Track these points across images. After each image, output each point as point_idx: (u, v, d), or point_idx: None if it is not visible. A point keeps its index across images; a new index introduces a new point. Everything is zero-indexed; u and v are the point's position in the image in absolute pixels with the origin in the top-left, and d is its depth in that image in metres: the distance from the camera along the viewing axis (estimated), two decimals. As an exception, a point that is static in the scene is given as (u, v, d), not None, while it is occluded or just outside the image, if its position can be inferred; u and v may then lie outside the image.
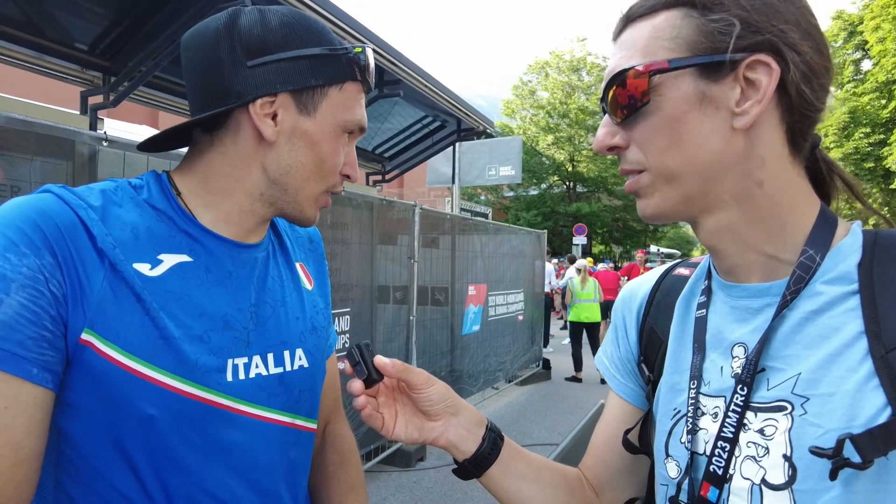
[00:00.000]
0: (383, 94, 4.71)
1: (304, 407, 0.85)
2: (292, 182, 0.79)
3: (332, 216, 3.62)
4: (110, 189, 0.75)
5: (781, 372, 0.57)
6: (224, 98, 0.75)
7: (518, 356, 7.25)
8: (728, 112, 0.57)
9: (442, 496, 4.03)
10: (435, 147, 6.80)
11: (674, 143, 0.59)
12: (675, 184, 0.61)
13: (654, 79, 0.59)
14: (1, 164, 1.98)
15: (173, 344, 0.69)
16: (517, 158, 9.09)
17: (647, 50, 0.60)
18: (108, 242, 0.68)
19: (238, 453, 0.75)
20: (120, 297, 0.68)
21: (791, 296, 0.58)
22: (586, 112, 25.58)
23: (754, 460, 0.57)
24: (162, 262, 0.73)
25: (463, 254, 5.66)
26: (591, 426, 2.09)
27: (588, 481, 0.83)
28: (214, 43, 0.74)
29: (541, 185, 27.18)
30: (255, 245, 0.84)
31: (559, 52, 26.93)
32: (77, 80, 3.60)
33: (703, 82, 0.58)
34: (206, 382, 0.71)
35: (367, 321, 4.07)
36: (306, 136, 0.77)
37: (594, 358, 0.90)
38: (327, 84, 0.77)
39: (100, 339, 0.66)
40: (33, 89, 5.47)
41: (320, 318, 0.94)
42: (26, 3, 2.96)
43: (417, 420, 0.77)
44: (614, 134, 0.64)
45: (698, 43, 0.57)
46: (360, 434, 3.95)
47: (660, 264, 4.89)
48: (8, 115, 2.01)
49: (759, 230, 0.60)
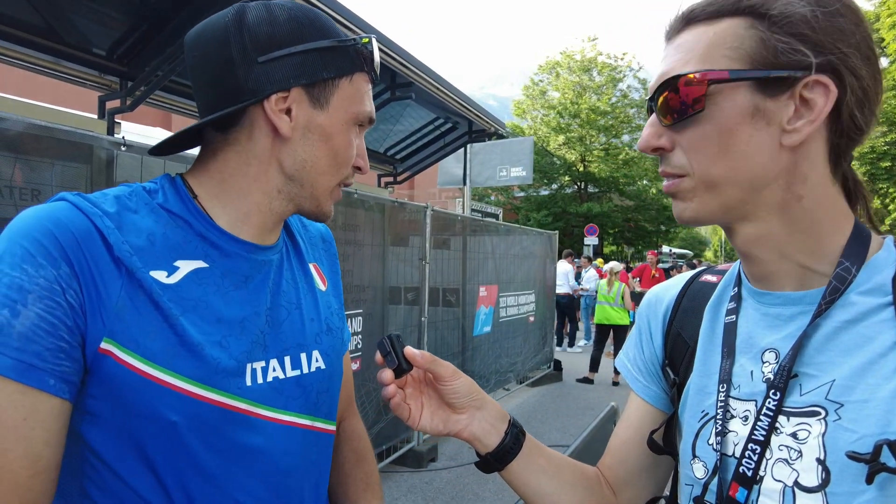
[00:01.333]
0: (395, 96, 4.73)
1: (322, 409, 0.85)
2: (308, 176, 0.79)
3: (345, 218, 3.64)
4: (125, 195, 0.74)
5: (815, 378, 0.59)
6: (237, 96, 0.74)
7: (529, 357, 7.24)
8: (778, 128, 0.58)
9: (453, 497, 4.04)
10: (446, 148, 6.81)
11: (721, 152, 0.60)
12: (716, 192, 0.62)
13: (711, 87, 0.59)
14: (22, 168, 2.02)
15: (193, 350, 0.69)
16: (528, 159, 9.07)
17: (707, 56, 0.59)
18: (125, 251, 0.68)
19: (260, 457, 0.75)
20: (138, 305, 0.68)
21: (826, 305, 0.59)
22: (597, 112, 25.43)
23: (787, 463, 0.58)
24: (178, 269, 0.72)
25: (474, 255, 5.67)
26: (603, 428, 2.10)
27: (606, 480, 0.84)
28: (223, 41, 0.74)
29: (552, 186, 27.05)
30: (270, 247, 0.83)
31: (570, 53, 26.79)
32: (95, 85, 3.66)
33: (758, 96, 0.58)
34: (226, 387, 0.72)
35: (378, 322, 4.09)
36: (320, 130, 0.77)
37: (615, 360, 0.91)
38: (338, 76, 0.77)
39: (119, 348, 0.66)
40: (53, 94, 5.57)
41: (335, 318, 0.94)
42: (46, 10, 3.02)
43: (443, 412, 0.79)
44: (660, 135, 0.64)
45: (760, 56, 0.57)
46: (371, 434, 3.97)
47: (672, 265, 4.88)
48: (29, 121, 2.05)
49: (796, 241, 0.62)
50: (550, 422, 5.93)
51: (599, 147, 26.08)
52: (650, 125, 0.65)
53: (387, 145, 6.50)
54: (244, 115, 0.77)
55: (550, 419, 6.03)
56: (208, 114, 0.76)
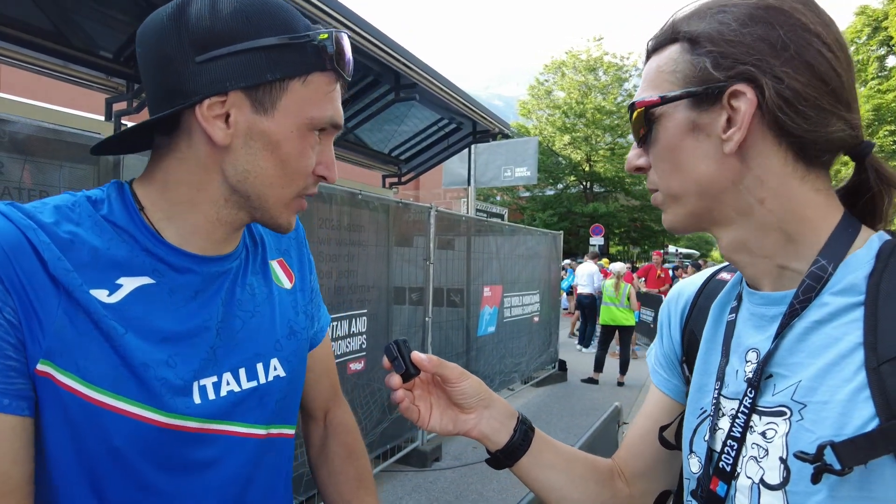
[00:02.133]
0: (399, 97, 4.75)
1: (280, 416, 0.83)
2: (254, 188, 0.72)
3: (349, 218, 3.66)
4: (67, 205, 0.69)
5: (785, 378, 0.60)
6: (171, 99, 0.68)
7: (534, 357, 7.24)
8: (717, 138, 0.61)
9: (457, 496, 4.05)
10: (451, 149, 6.83)
11: (674, 167, 0.65)
12: (680, 203, 0.67)
13: (652, 112, 0.65)
14: (31, 169, 2.05)
15: (137, 372, 0.66)
16: (533, 159, 9.08)
17: (655, 83, 0.65)
18: (62, 268, 0.63)
19: (212, 470, 0.74)
20: (78, 325, 0.64)
21: (800, 305, 0.60)
22: (603, 112, 25.38)
23: (756, 461, 0.60)
24: (121, 287, 0.68)
25: (478, 255, 5.68)
26: (606, 428, 2.11)
27: (622, 472, 0.86)
28: (160, 37, 0.67)
29: (557, 186, 27.04)
30: (226, 256, 0.78)
31: (575, 52, 26.77)
32: (102, 87, 3.69)
33: (693, 112, 0.62)
34: (172, 409, 0.69)
35: (383, 322, 4.11)
36: (265, 137, 0.69)
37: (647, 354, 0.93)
38: (287, 77, 0.68)
39: (58, 370, 0.63)
40: (60, 97, 5.61)
41: (301, 317, 0.89)
42: (54, 14, 3.05)
43: (452, 412, 0.81)
44: (640, 156, 0.70)
45: (692, 75, 0.62)
46: (376, 434, 3.99)
47: (677, 265, 4.86)
48: (38, 124, 2.08)
49: (769, 242, 0.63)
50: (555, 422, 5.93)
51: (605, 147, 26.03)
52: (633, 148, 0.71)
53: (391, 146, 6.53)
54: (182, 119, 0.70)
55: (555, 419, 6.03)
56: (153, 116, 0.70)
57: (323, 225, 3.41)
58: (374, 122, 5.60)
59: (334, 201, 3.51)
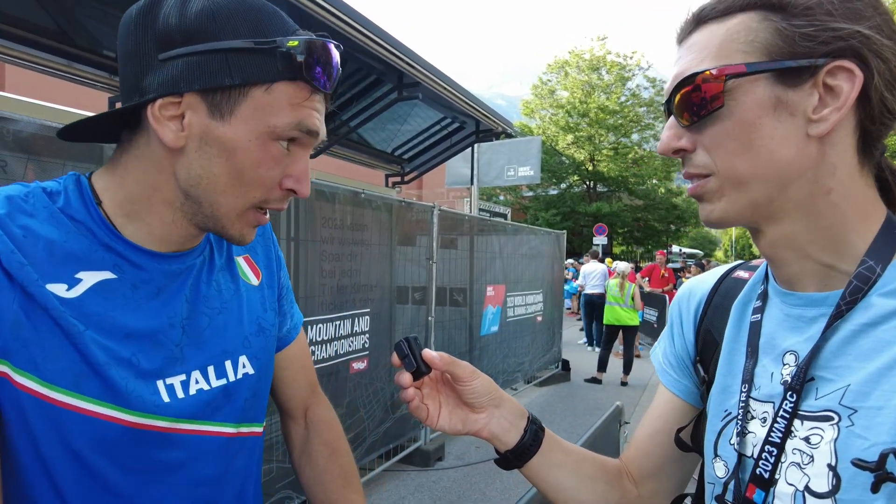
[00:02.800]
0: (402, 96, 4.74)
1: (249, 414, 0.82)
2: (205, 195, 0.68)
3: (352, 217, 3.66)
4: (20, 196, 0.65)
5: (830, 382, 0.57)
6: (132, 94, 0.66)
7: (537, 357, 7.23)
8: (804, 118, 0.56)
9: (460, 496, 4.05)
10: (454, 148, 6.82)
11: (745, 148, 0.58)
12: (743, 189, 0.60)
13: (729, 83, 0.57)
14: (35, 168, 2.05)
15: (99, 370, 0.64)
16: (536, 159, 9.07)
17: (721, 53, 0.58)
18: (15, 261, 0.60)
19: (180, 472, 0.72)
20: (35, 322, 0.61)
21: (846, 307, 0.57)
22: (606, 111, 25.32)
23: (799, 467, 0.58)
24: (81, 282, 0.65)
25: (481, 254, 5.67)
26: (607, 427, 2.10)
27: (630, 473, 0.84)
28: (128, 29, 0.66)
29: (560, 185, 27.00)
30: (188, 252, 0.76)
31: (579, 52, 26.71)
32: (105, 87, 3.70)
33: (779, 87, 0.56)
34: (138, 407, 0.67)
35: (386, 321, 4.11)
36: (219, 143, 0.66)
37: (650, 352, 0.91)
38: (247, 84, 0.65)
39: (14, 370, 0.60)
40: (64, 96, 5.62)
41: (269, 314, 0.87)
42: (59, 13, 3.06)
43: (461, 412, 0.79)
44: (680, 136, 0.63)
45: (776, 47, 0.56)
46: (378, 433, 3.99)
47: (682, 264, 4.83)
48: (42, 122, 2.09)
49: (820, 239, 0.60)
50: (558, 422, 5.92)
51: (609, 146, 25.98)
52: (669, 127, 0.64)
53: (394, 145, 6.53)
54: (142, 117, 0.67)
55: (558, 419, 6.02)
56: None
57: (326, 224, 3.41)
58: (377, 122, 5.60)
59: (337, 200, 3.51)
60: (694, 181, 0.63)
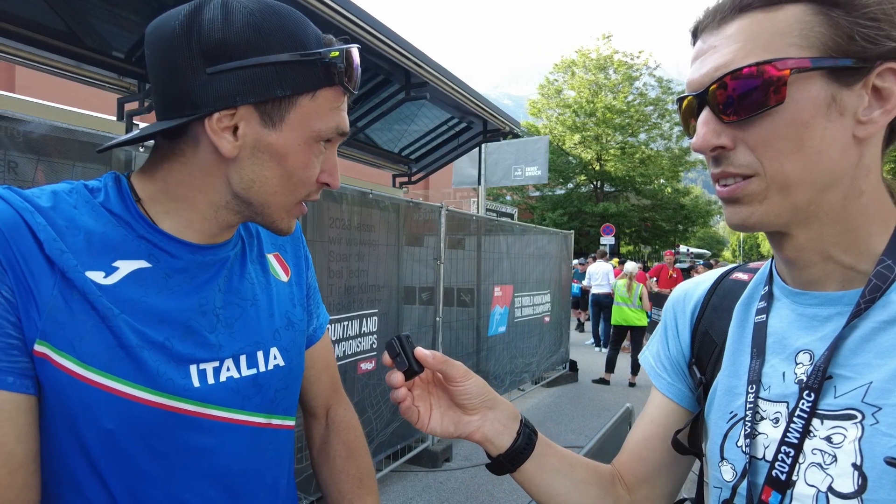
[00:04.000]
0: (409, 96, 4.74)
1: (280, 406, 0.83)
2: (258, 196, 0.73)
3: (360, 218, 3.66)
4: (64, 191, 0.70)
5: (850, 380, 0.57)
6: (180, 109, 0.68)
7: (545, 358, 7.21)
8: (852, 120, 0.55)
9: (468, 497, 4.04)
10: (461, 148, 6.81)
11: (796, 148, 0.55)
12: (788, 193, 0.57)
13: (791, 77, 0.54)
14: (44, 169, 2.06)
15: (132, 352, 0.67)
16: (543, 158, 9.04)
17: (771, 45, 0.55)
18: (56, 248, 0.64)
19: (210, 458, 0.73)
20: (73, 306, 0.64)
21: (865, 305, 0.57)
22: (613, 110, 25.22)
23: (820, 468, 0.56)
24: (118, 270, 0.69)
25: (489, 255, 5.66)
26: (617, 429, 2.08)
27: (622, 478, 0.83)
28: (171, 45, 0.67)
29: (567, 185, 26.92)
30: (221, 245, 0.79)
31: (585, 51, 26.64)
32: (114, 88, 3.72)
33: (834, 86, 0.54)
34: (170, 390, 0.69)
35: (393, 322, 4.10)
36: (271, 150, 0.71)
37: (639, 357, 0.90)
38: (296, 93, 0.69)
39: (54, 350, 0.63)
40: (73, 97, 5.66)
41: (298, 310, 0.90)
42: (68, 15, 3.07)
43: (453, 414, 0.76)
44: (719, 133, 0.59)
45: (833, 43, 0.53)
46: (386, 434, 3.98)
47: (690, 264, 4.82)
48: (51, 124, 2.09)
49: (845, 241, 0.59)
50: (566, 423, 5.90)
51: (616, 146, 25.87)
52: (706, 122, 0.59)
53: (401, 145, 6.52)
54: (189, 127, 0.71)
55: (566, 420, 6.00)
56: (159, 118, 0.71)
57: (333, 224, 3.41)
58: (385, 122, 5.60)
59: (345, 201, 3.51)
60: (729, 182, 0.60)
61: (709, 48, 0.60)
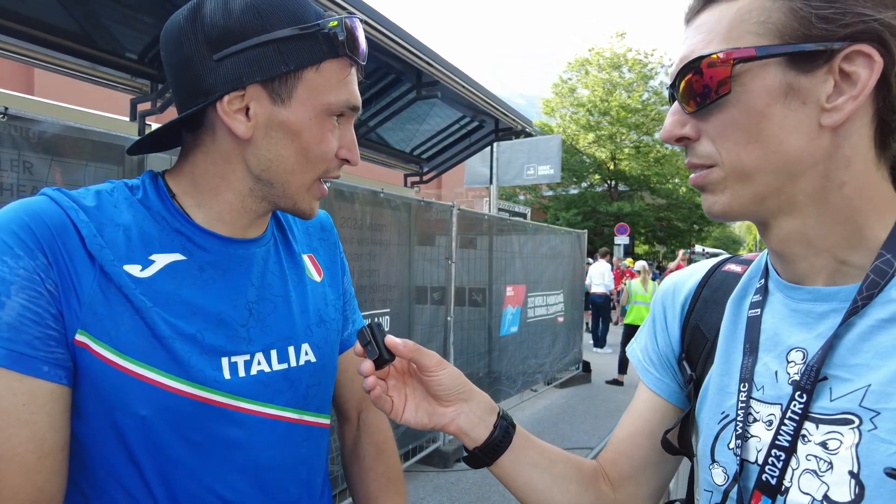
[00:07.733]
0: (421, 95, 4.73)
1: (312, 402, 0.84)
2: (277, 176, 0.75)
3: (371, 217, 3.66)
4: (107, 190, 0.75)
5: (847, 382, 0.54)
6: (194, 98, 0.72)
7: (557, 358, 7.17)
8: (816, 107, 0.53)
9: (479, 497, 4.02)
10: (473, 147, 6.79)
11: (752, 138, 0.55)
12: (749, 182, 0.57)
13: (737, 67, 0.54)
14: (59, 168, 2.08)
15: (164, 343, 0.69)
16: (556, 157, 8.99)
17: (731, 35, 0.55)
18: (97, 244, 0.68)
19: (241, 450, 0.74)
20: (110, 298, 0.68)
21: (863, 302, 0.54)
22: (628, 109, 25.01)
23: (815, 475, 0.54)
24: (154, 263, 0.72)
25: (501, 254, 5.63)
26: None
27: (606, 475, 0.80)
28: (178, 39, 0.71)
29: (581, 184, 26.75)
30: (253, 240, 0.82)
31: (599, 50, 26.45)
32: (127, 88, 3.76)
33: (791, 73, 0.53)
34: (201, 381, 0.71)
35: (405, 322, 4.10)
36: (284, 127, 0.73)
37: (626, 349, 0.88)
38: (300, 67, 0.71)
39: (93, 340, 0.66)
40: (87, 99, 5.74)
41: (330, 309, 0.91)
42: (82, 17, 3.11)
43: (428, 405, 0.74)
44: (684, 124, 0.59)
45: (790, 29, 0.52)
46: (398, 434, 3.98)
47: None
48: (65, 124, 2.12)
49: (833, 234, 0.57)
50: (578, 424, 5.86)
51: (630, 145, 25.66)
52: (672, 113, 0.60)
53: (413, 145, 6.52)
54: (205, 116, 0.74)
55: (578, 421, 5.96)
56: (180, 114, 0.74)
57: (345, 224, 3.41)
58: (396, 121, 5.60)
59: (356, 200, 3.51)
60: (697, 171, 0.60)
61: (684, 39, 0.61)
